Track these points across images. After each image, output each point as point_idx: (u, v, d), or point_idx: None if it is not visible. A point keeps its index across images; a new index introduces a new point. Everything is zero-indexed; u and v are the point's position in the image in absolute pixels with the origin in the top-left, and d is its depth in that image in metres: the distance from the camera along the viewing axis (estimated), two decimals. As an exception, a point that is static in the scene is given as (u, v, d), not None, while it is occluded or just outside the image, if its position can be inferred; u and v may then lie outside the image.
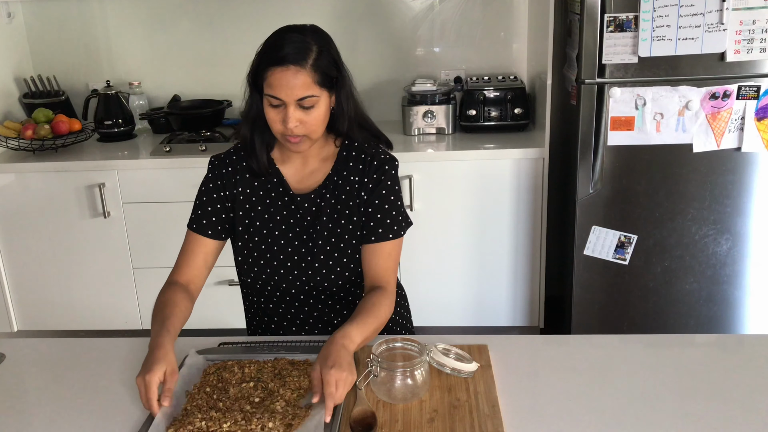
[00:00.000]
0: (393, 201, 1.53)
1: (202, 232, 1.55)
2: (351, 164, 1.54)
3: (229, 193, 1.56)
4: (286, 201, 1.55)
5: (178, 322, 1.40)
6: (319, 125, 1.46)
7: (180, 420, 1.23)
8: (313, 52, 1.41)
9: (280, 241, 1.55)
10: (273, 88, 1.41)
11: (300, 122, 1.43)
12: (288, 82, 1.39)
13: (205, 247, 1.55)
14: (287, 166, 1.57)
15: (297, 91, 1.40)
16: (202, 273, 1.56)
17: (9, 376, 1.46)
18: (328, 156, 1.57)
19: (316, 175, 1.56)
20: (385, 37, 3.19)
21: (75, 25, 3.24)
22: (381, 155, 1.55)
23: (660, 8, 2.28)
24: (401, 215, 1.55)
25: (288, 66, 1.39)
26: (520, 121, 2.94)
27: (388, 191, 1.53)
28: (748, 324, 2.67)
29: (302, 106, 1.42)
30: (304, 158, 1.56)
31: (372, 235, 1.52)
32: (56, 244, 2.94)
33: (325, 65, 1.42)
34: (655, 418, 1.24)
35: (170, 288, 1.49)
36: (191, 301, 1.50)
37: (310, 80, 1.40)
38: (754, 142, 2.43)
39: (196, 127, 3.02)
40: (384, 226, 1.52)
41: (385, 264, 1.52)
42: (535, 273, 2.88)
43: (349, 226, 1.53)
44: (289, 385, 1.31)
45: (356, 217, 1.53)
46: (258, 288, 1.59)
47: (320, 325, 1.61)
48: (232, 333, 1.62)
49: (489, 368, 1.39)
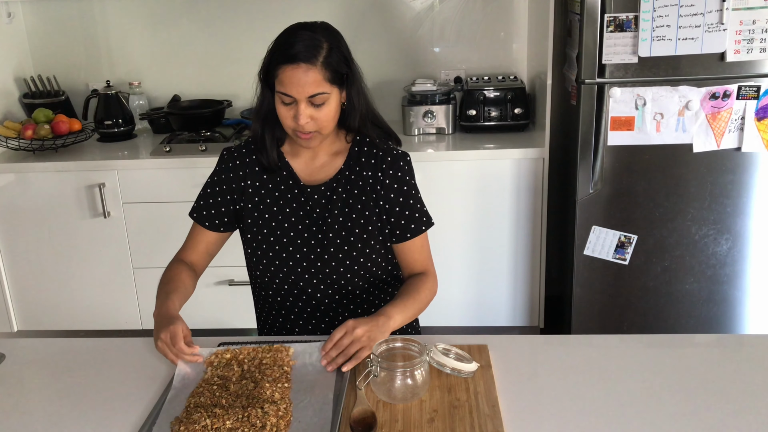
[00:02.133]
0: (415, 195, 1.58)
1: (201, 222, 1.60)
2: (363, 159, 1.56)
3: (236, 186, 1.58)
4: (296, 193, 1.57)
5: (183, 297, 1.48)
6: (330, 121, 1.48)
7: (185, 419, 1.23)
8: (323, 49, 1.42)
9: (290, 233, 1.56)
10: (284, 86, 1.42)
11: (311, 119, 1.45)
12: (299, 79, 1.41)
13: (205, 236, 1.61)
14: (297, 159, 1.59)
15: (308, 89, 1.41)
16: (204, 259, 1.63)
17: (9, 376, 1.46)
18: (339, 151, 1.59)
19: (327, 169, 1.58)
20: (385, 37, 3.19)
21: (75, 25, 3.24)
22: (393, 150, 1.58)
23: (660, 8, 2.28)
24: (424, 206, 1.60)
25: (299, 63, 1.40)
26: (520, 121, 2.94)
27: (408, 187, 1.57)
28: (748, 324, 2.67)
29: (313, 103, 1.44)
30: (314, 152, 1.58)
31: (407, 232, 1.56)
32: (56, 244, 2.94)
33: (335, 62, 1.44)
34: (655, 418, 1.24)
35: (177, 264, 1.57)
36: (195, 279, 1.57)
37: (320, 77, 1.42)
38: (754, 142, 2.43)
39: (196, 127, 3.02)
40: (415, 222, 1.57)
41: (421, 256, 1.59)
42: (535, 273, 2.88)
43: (361, 220, 1.55)
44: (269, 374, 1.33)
45: (368, 212, 1.55)
46: (267, 281, 1.60)
47: (328, 320, 1.62)
48: (232, 333, 1.62)
49: (489, 368, 1.39)
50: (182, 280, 1.51)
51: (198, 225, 1.60)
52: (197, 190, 1.62)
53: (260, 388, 1.29)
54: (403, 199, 1.56)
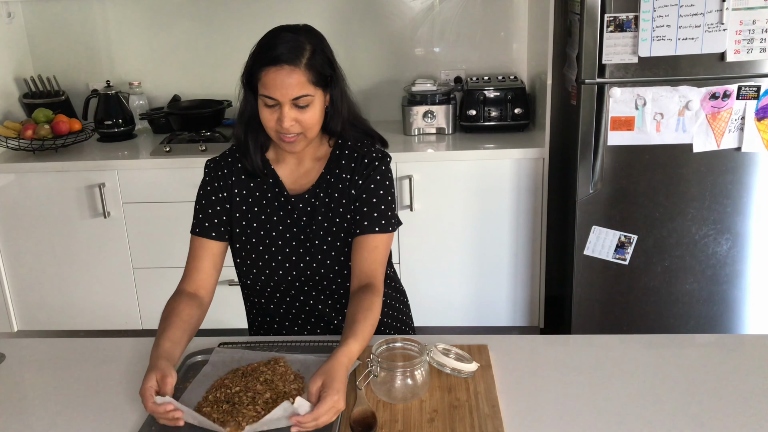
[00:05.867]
0: (382, 195, 1.52)
1: (206, 235, 1.54)
2: (343, 162, 1.54)
3: (227, 194, 1.56)
4: (282, 201, 1.55)
5: (179, 332, 1.39)
6: (315, 124, 1.46)
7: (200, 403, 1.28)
8: (306, 51, 1.41)
9: (278, 242, 1.55)
10: (267, 88, 1.41)
11: (296, 121, 1.43)
12: (282, 81, 1.39)
13: (211, 250, 1.54)
14: (282, 166, 1.57)
15: (292, 91, 1.40)
16: (212, 276, 1.55)
17: (9, 376, 1.46)
18: (321, 156, 1.57)
19: (310, 174, 1.56)
20: (385, 37, 3.19)
21: (75, 25, 3.24)
22: (372, 153, 1.55)
23: (660, 8, 2.28)
24: (390, 211, 1.53)
25: (282, 65, 1.39)
26: (520, 121, 2.94)
27: (376, 185, 1.52)
28: (748, 324, 2.67)
29: (297, 105, 1.42)
30: (299, 158, 1.56)
31: (358, 227, 1.50)
32: (56, 244, 2.94)
33: (319, 64, 1.42)
34: (655, 418, 1.24)
35: (175, 299, 1.48)
36: (199, 307, 1.48)
37: (304, 79, 1.40)
38: (754, 142, 2.43)
39: (196, 127, 3.02)
40: (371, 219, 1.50)
41: (371, 257, 1.49)
42: (535, 273, 2.88)
43: (344, 224, 1.53)
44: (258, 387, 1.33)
45: (349, 214, 1.53)
46: (258, 289, 1.60)
47: (320, 323, 1.61)
48: (232, 333, 1.62)
49: (489, 368, 1.39)
50: (178, 314, 1.42)
51: (201, 240, 1.54)
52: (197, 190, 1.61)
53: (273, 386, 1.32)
54: (367, 195, 1.51)
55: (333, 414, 1.20)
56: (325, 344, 1.48)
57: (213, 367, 1.41)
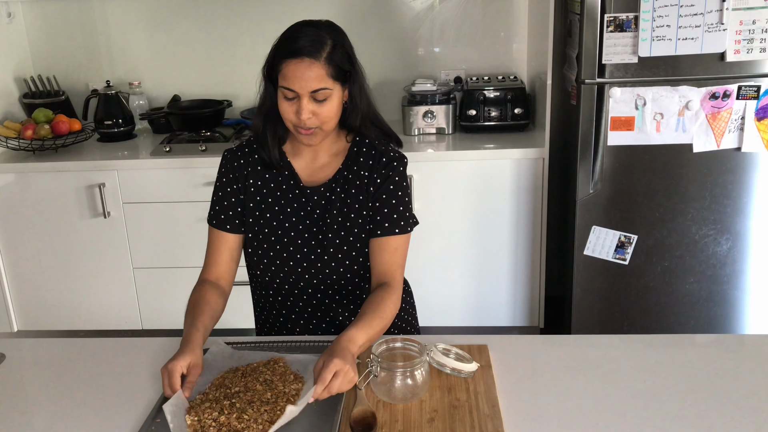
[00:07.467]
0: (400, 197, 1.55)
1: (222, 227, 1.57)
2: (361, 159, 1.56)
3: (242, 185, 1.58)
4: (297, 194, 1.57)
5: (208, 319, 1.44)
6: (332, 118, 1.48)
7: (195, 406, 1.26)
8: (327, 45, 1.43)
9: (290, 234, 1.56)
10: (287, 80, 1.42)
11: (313, 114, 1.45)
12: (302, 74, 1.41)
13: (227, 241, 1.58)
14: (298, 159, 1.59)
15: (311, 83, 1.41)
16: (230, 267, 1.59)
17: (9, 376, 1.46)
18: (339, 151, 1.58)
19: (327, 169, 1.58)
20: (385, 37, 3.19)
21: (75, 25, 3.24)
22: (390, 152, 1.57)
23: (660, 8, 2.28)
24: (408, 212, 1.56)
25: (302, 58, 1.41)
26: (520, 121, 2.94)
27: (395, 186, 1.54)
28: (748, 324, 2.67)
29: (316, 98, 1.44)
30: (315, 152, 1.58)
31: (378, 229, 1.53)
32: (56, 244, 2.94)
33: (339, 59, 1.44)
34: (655, 418, 1.24)
35: (201, 286, 1.53)
36: (222, 297, 1.54)
37: (323, 73, 1.42)
38: (754, 142, 2.43)
39: (196, 127, 3.02)
40: (390, 221, 1.53)
41: (391, 259, 1.52)
42: (535, 273, 2.88)
43: (359, 220, 1.55)
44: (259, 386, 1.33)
45: (365, 211, 1.55)
46: (267, 281, 1.61)
47: (328, 320, 1.62)
48: (235, 333, 1.62)
49: (489, 368, 1.39)
50: (207, 302, 1.48)
51: (218, 231, 1.57)
52: (197, 190, 1.62)
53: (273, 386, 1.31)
54: (386, 197, 1.54)
55: (341, 378, 1.23)
56: (326, 345, 1.48)
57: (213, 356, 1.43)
